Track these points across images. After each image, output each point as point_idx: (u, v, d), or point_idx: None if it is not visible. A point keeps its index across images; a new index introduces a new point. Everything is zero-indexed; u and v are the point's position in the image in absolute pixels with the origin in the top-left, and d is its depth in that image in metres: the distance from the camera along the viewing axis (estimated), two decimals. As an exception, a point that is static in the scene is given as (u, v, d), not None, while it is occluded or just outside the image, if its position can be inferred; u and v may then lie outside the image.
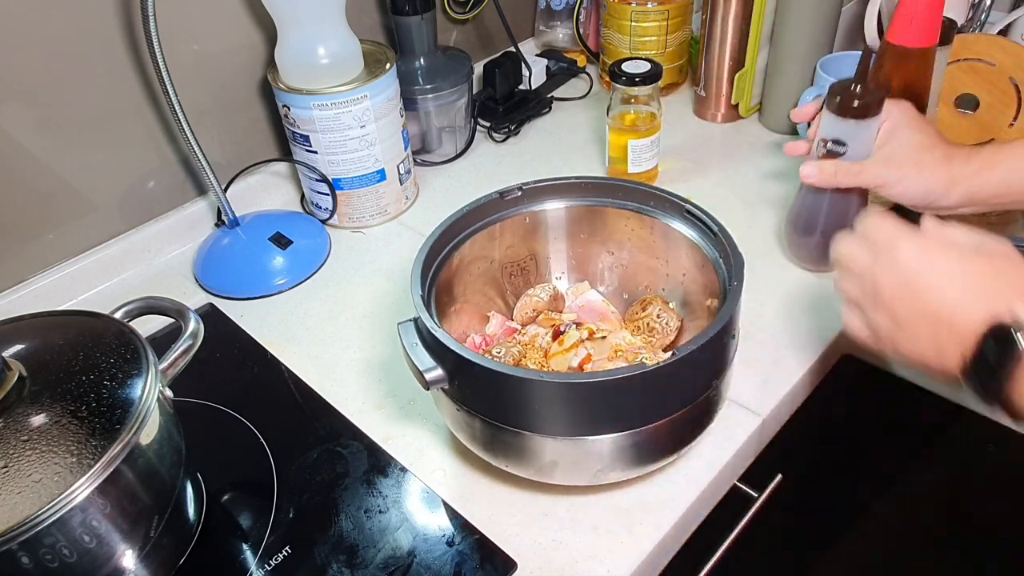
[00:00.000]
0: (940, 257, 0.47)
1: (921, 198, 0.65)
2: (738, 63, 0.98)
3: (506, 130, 1.04)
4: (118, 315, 0.58)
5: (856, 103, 0.65)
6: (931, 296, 0.46)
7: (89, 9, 0.74)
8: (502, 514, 0.59)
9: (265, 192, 0.95)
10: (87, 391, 0.49)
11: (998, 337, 0.42)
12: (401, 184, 0.91)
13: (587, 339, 0.64)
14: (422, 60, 0.94)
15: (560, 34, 1.18)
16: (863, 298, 0.50)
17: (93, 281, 0.83)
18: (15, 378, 0.48)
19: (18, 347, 0.52)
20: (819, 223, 0.74)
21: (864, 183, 0.68)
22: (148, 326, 0.74)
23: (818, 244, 0.75)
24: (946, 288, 0.45)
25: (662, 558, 0.60)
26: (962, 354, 0.44)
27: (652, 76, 0.85)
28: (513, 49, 1.06)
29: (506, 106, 1.05)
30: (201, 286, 0.84)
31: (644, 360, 0.61)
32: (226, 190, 0.86)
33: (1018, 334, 0.41)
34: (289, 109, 0.82)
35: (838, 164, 0.68)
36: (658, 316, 0.65)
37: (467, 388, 0.53)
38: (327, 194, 0.88)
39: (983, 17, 0.95)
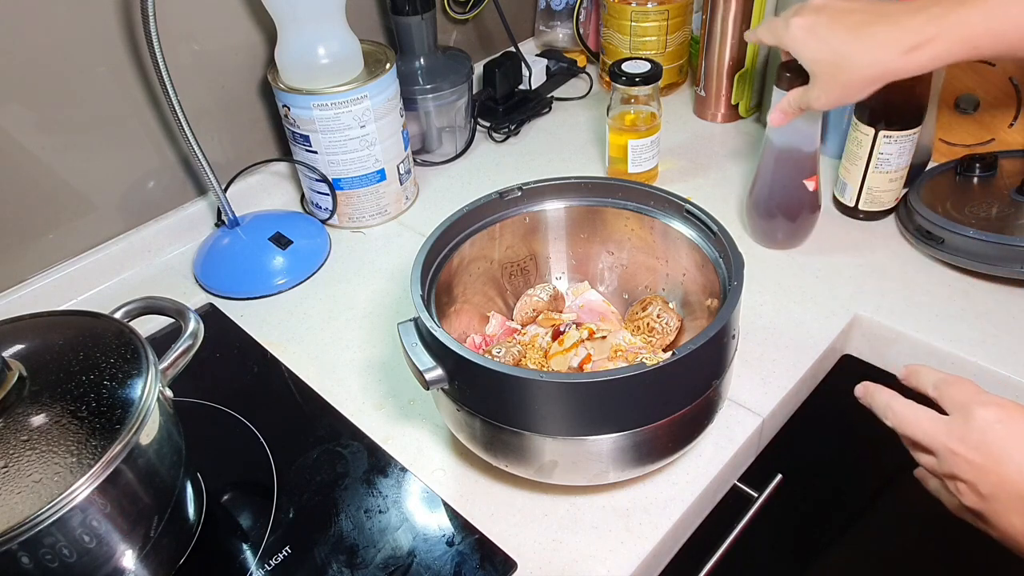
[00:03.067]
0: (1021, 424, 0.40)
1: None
2: (738, 63, 0.98)
3: (506, 130, 1.04)
4: (118, 315, 0.58)
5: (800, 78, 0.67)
6: (1016, 469, 0.40)
7: (89, 9, 0.74)
8: (502, 514, 0.59)
9: (265, 192, 0.95)
10: (87, 391, 0.49)
11: None
12: (401, 184, 0.91)
13: (587, 339, 0.64)
14: (422, 60, 0.94)
15: (560, 34, 1.18)
16: (942, 471, 0.45)
17: (93, 281, 0.83)
18: (15, 378, 0.48)
19: (18, 347, 0.52)
20: (774, 205, 0.79)
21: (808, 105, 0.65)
22: (148, 326, 0.74)
23: (780, 226, 0.80)
24: None
25: (662, 558, 0.60)
26: None
27: (652, 76, 0.85)
28: (513, 49, 1.06)
29: (506, 106, 1.05)
30: (201, 286, 0.84)
31: (644, 360, 0.61)
32: (226, 190, 0.86)
33: None
34: (289, 109, 0.82)
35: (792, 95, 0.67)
36: (658, 316, 0.65)
37: (467, 388, 0.53)
38: (327, 194, 0.88)
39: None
